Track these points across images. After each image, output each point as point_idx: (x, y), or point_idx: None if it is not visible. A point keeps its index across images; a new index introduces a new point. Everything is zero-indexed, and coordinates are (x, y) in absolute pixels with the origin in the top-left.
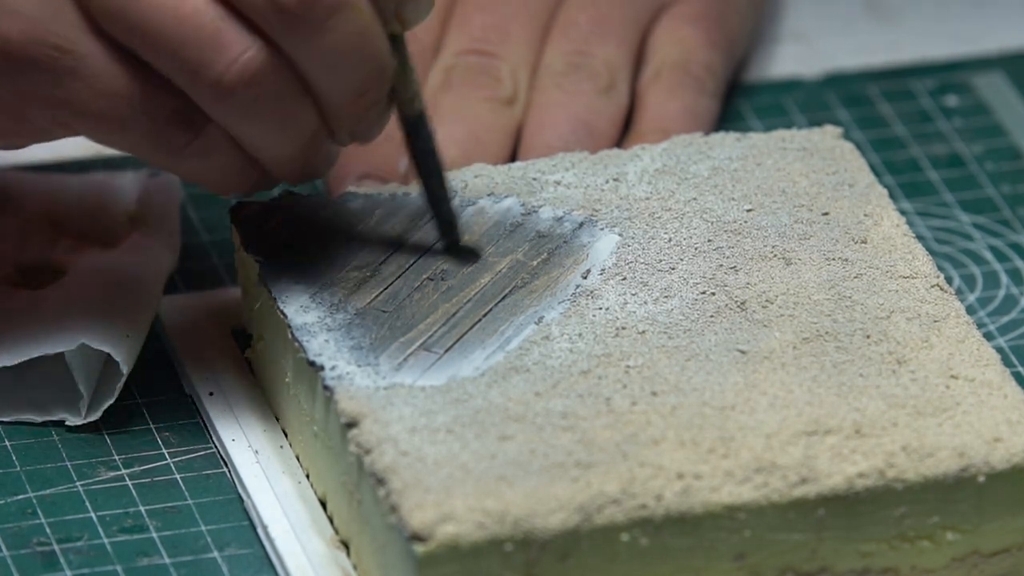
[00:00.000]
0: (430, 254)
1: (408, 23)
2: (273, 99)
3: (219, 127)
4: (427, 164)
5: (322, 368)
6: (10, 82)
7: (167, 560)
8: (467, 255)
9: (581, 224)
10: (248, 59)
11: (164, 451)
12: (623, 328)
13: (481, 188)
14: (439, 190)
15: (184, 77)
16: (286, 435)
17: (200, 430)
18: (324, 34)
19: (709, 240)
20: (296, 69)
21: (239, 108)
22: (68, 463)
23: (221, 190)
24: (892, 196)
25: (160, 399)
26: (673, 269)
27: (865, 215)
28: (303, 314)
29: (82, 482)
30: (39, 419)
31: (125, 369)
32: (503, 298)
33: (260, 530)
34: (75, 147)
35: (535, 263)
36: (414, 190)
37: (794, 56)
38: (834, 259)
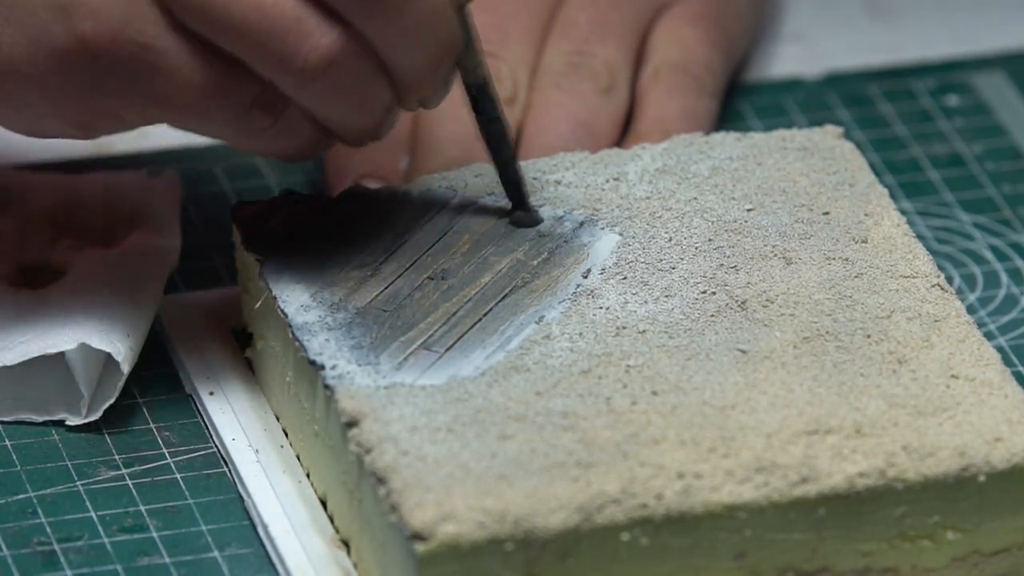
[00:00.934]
0: (430, 253)
1: None
2: (353, 81)
3: (299, 108)
4: (493, 130)
5: (322, 367)
6: (95, 80)
7: (167, 560)
8: (532, 219)
9: (581, 224)
10: (329, 45)
11: (164, 451)
12: (623, 327)
13: (481, 188)
14: (506, 155)
15: (268, 66)
16: (286, 435)
17: (200, 430)
18: (401, 15)
19: (709, 240)
20: (374, 50)
21: (322, 92)
22: (68, 463)
23: (293, 160)
24: (892, 196)
25: (160, 399)
26: (673, 269)
27: (865, 215)
28: (303, 313)
29: (82, 482)
30: (39, 419)
31: (125, 369)
32: (503, 297)
33: (260, 530)
34: (75, 147)
35: (535, 263)
36: (414, 190)
37: (794, 56)
38: (834, 259)
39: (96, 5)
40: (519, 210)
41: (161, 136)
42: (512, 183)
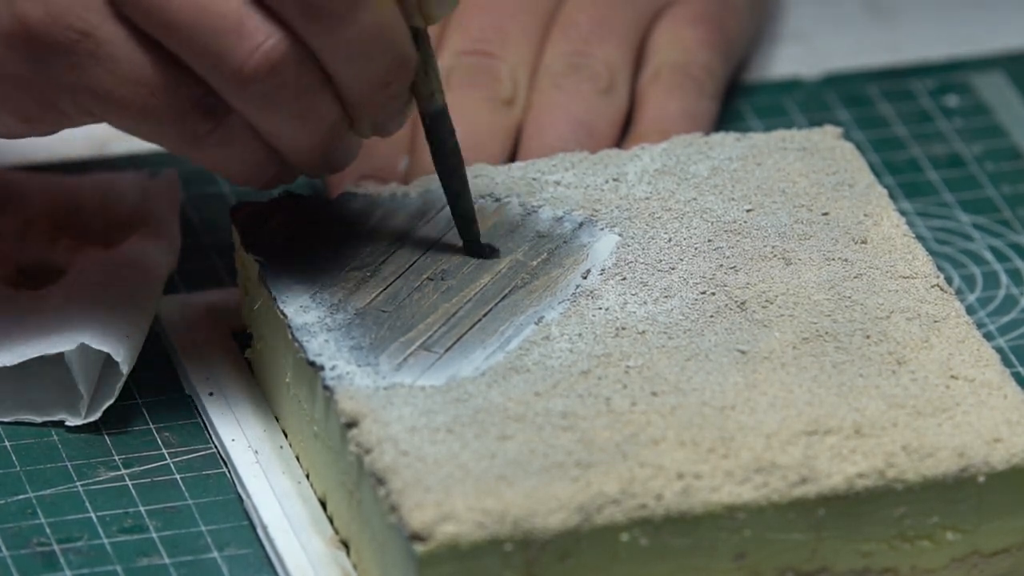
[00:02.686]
0: (430, 254)
1: (431, 18)
2: (294, 89)
3: (241, 117)
4: (447, 160)
5: (322, 368)
6: (35, 65)
7: (167, 560)
8: (486, 251)
9: (581, 224)
10: (269, 48)
11: (164, 451)
12: (623, 328)
13: (481, 188)
14: (459, 187)
15: (205, 65)
16: (286, 435)
17: (200, 430)
18: (346, 25)
19: (709, 240)
20: (318, 60)
21: (260, 97)
22: (68, 463)
23: (241, 181)
24: (892, 196)
25: (160, 399)
26: (673, 269)
27: (865, 215)
28: (303, 314)
29: (82, 482)
30: (39, 419)
31: (125, 369)
32: (503, 298)
33: (260, 530)
34: (75, 147)
35: (535, 263)
36: (414, 190)
37: (794, 56)
38: (834, 259)
39: None
40: (470, 246)
41: None
42: (463, 218)
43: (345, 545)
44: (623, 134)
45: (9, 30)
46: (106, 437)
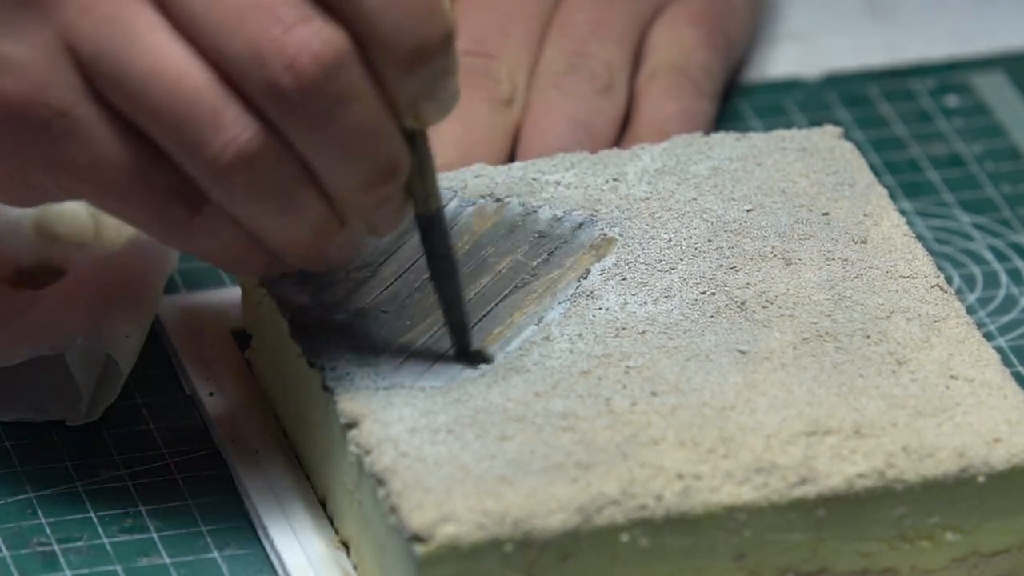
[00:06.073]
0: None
1: (427, 120)
2: (272, 184)
3: (220, 207)
4: (440, 265)
5: (322, 368)
6: (11, 142)
7: (167, 560)
8: (478, 359)
9: (581, 224)
10: (245, 141)
11: (164, 451)
12: (623, 328)
13: (481, 188)
14: (452, 294)
15: (181, 152)
16: (286, 435)
17: (200, 430)
18: (325, 125)
19: (709, 240)
20: (299, 156)
21: (237, 190)
22: (68, 463)
23: (231, 270)
24: (892, 196)
25: (160, 399)
26: (673, 269)
27: (865, 215)
28: (303, 314)
29: (82, 482)
30: (39, 419)
31: (125, 369)
32: (503, 298)
33: (260, 530)
34: None
35: (535, 263)
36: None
37: (794, 56)
38: (834, 259)
39: (17, 63)
40: (462, 355)
41: None
42: (456, 325)
43: (345, 546)
44: (622, 134)
45: None
46: (106, 437)
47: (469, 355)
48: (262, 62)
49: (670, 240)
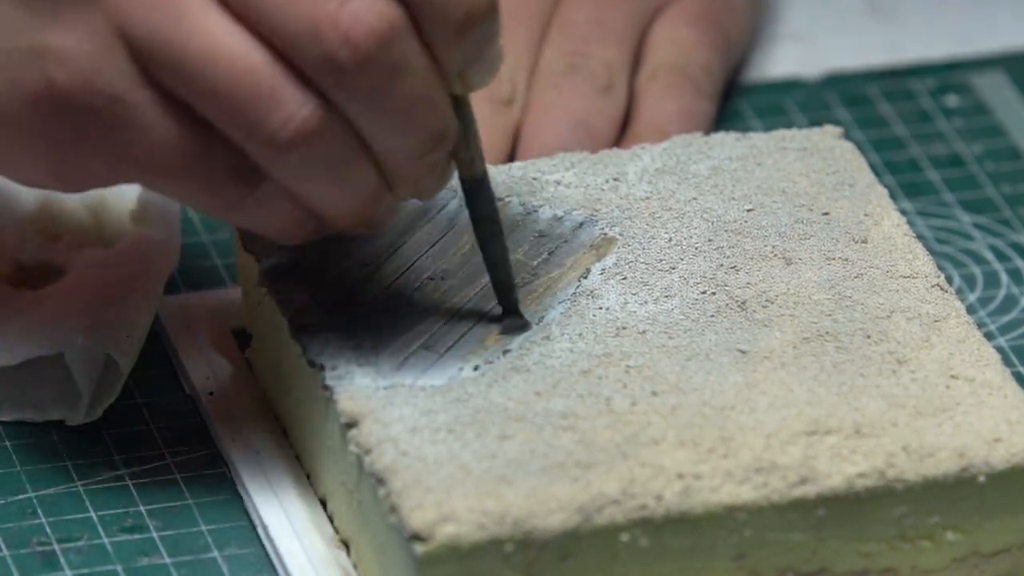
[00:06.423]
0: (430, 254)
1: (473, 86)
2: (330, 158)
3: (276, 182)
4: (485, 228)
5: (322, 368)
6: (67, 131)
7: (167, 560)
8: (521, 322)
9: (581, 224)
10: (304, 117)
11: (164, 451)
12: (623, 328)
13: None
14: (498, 255)
15: (239, 132)
16: (286, 435)
17: (200, 430)
18: (382, 96)
19: (709, 240)
20: (354, 128)
21: (295, 166)
22: (68, 463)
23: (279, 239)
24: (892, 196)
25: (160, 399)
26: (673, 269)
27: (865, 215)
28: (303, 314)
29: (82, 482)
30: (39, 419)
31: (125, 369)
32: None
33: (260, 530)
34: None
35: (535, 263)
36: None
37: (794, 56)
38: (834, 259)
39: (69, 52)
40: (509, 316)
41: None
42: (503, 285)
43: (345, 545)
44: (622, 134)
45: (39, 92)
46: (106, 437)
47: (515, 314)
48: (318, 37)
49: (670, 240)
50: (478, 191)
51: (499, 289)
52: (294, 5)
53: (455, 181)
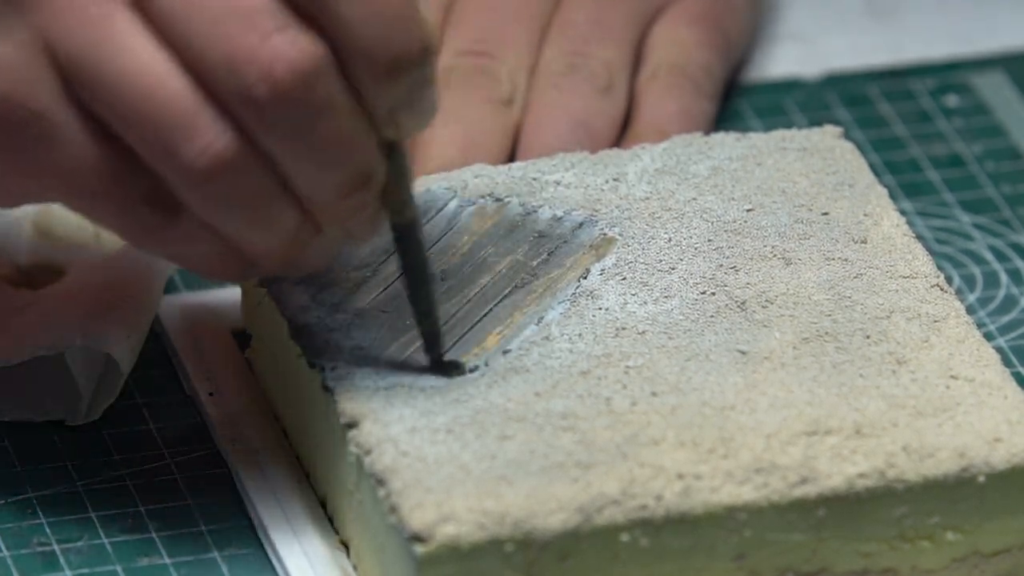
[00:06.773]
0: (430, 254)
1: (405, 131)
2: (247, 192)
3: (196, 215)
4: (414, 275)
5: (322, 368)
6: None
7: (167, 560)
8: (449, 369)
9: (581, 224)
10: (221, 148)
11: (164, 451)
12: (623, 328)
13: (481, 188)
14: (425, 305)
15: (156, 158)
16: (286, 435)
17: (200, 430)
18: (300, 134)
19: (709, 240)
20: (274, 164)
21: (211, 198)
22: (68, 463)
23: (206, 276)
24: (892, 196)
25: (160, 399)
26: (673, 269)
27: (865, 215)
28: (303, 314)
29: (82, 482)
30: (39, 419)
31: (125, 369)
32: (503, 298)
33: (260, 530)
34: None
35: (535, 263)
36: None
37: (794, 56)
38: (834, 259)
39: None
40: (434, 363)
41: None
42: (429, 335)
43: (345, 545)
44: (622, 134)
45: None
46: (106, 437)
47: (442, 365)
48: (237, 70)
49: (670, 240)
50: (407, 238)
51: (425, 338)
52: (218, 35)
53: (455, 184)
